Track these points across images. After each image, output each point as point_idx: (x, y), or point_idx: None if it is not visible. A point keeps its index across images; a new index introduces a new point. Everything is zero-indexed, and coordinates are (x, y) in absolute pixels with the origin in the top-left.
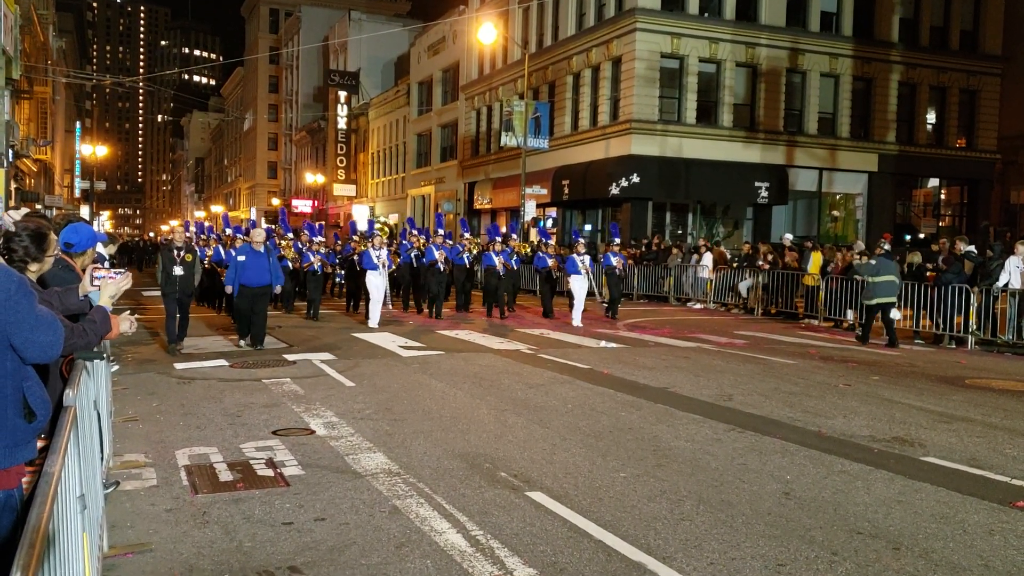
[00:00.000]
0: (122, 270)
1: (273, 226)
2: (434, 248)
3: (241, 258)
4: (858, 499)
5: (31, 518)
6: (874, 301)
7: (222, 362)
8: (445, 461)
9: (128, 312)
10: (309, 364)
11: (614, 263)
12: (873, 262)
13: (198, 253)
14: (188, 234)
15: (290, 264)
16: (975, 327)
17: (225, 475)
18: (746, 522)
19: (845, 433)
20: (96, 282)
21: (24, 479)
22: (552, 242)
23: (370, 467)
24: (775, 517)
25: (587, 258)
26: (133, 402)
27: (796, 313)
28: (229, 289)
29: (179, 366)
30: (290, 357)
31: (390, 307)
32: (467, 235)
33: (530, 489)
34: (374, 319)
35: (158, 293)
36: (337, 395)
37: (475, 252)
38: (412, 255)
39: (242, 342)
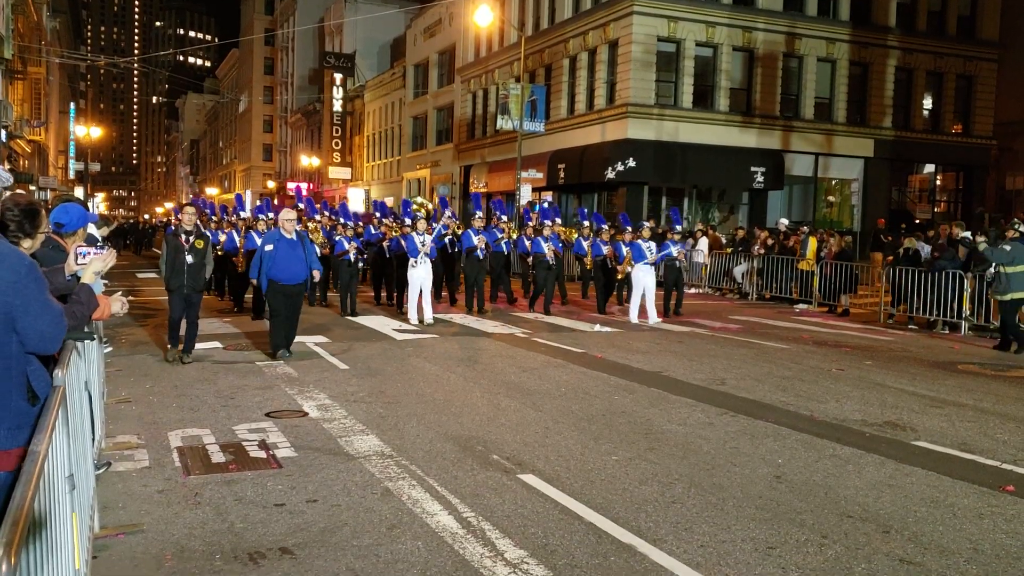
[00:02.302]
0: (103, 248)
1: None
2: (472, 233)
3: (269, 248)
4: (849, 483)
5: (15, 496)
6: (1008, 297)
7: (216, 344)
8: (438, 444)
9: (120, 293)
10: (303, 346)
11: (674, 253)
12: (1007, 247)
13: (210, 238)
14: (206, 212)
15: (317, 250)
16: (968, 313)
17: (217, 457)
18: (737, 505)
19: (837, 417)
20: (81, 260)
21: None
22: (604, 227)
23: (363, 449)
24: (766, 500)
25: (653, 245)
26: (126, 383)
27: (791, 298)
28: (255, 281)
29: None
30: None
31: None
32: (504, 218)
33: (522, 472)
34: (428, 313)
35: (153, 274)
36: (331, 378)
37: (514, 238)
38: (446, 240)
39: (282, 353)
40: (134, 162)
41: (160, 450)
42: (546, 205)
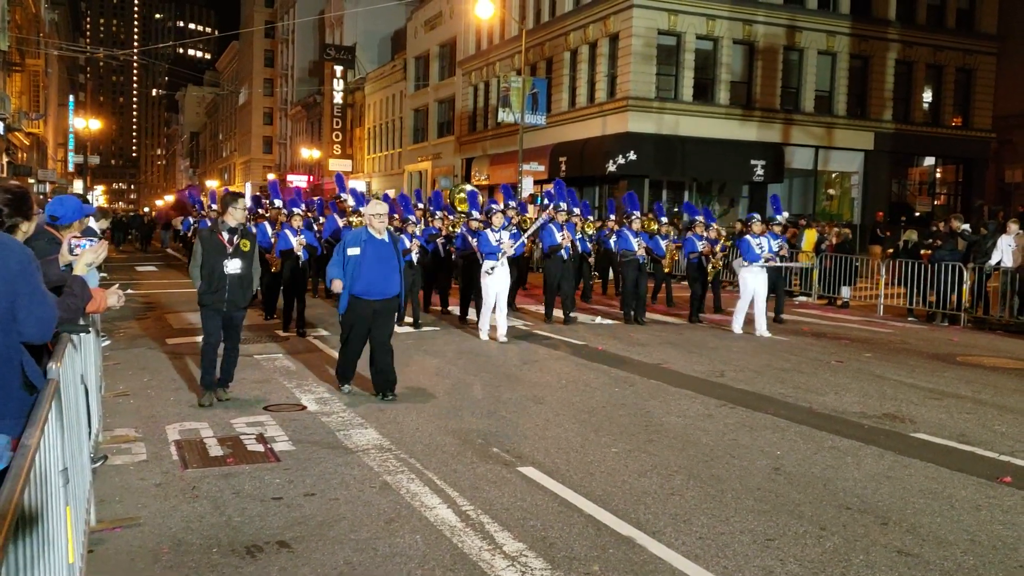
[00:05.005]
0: (95, 239)
1: (335, 198)
2: (555, 229)
3: (354, 251)
4: (847, 475)
5: (4, 490)
6: None
7: None
8: (437, 437)
9: (117, 286)
10: (302, 340)
11: (775, 249)
12: None
13: (257, 238)
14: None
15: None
16: (968, 305)
17: (215, 450)
18: (736, 497)
19: (836, 409)
20: (76, 251)
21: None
22: (699, 219)
23: (361, 443)
24: (765, 492)
25: (765, 241)
26: (124, 377)
27: (790, 290)
28: (338, 285)
29: (171, 341)
30: (282, 332)
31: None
32: (576, 211)
33: (522, 464)
34: (502, 329)
35: (153, 267)
36: (329, 371)
37: (590, 232)
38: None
39: (346, 387)
40: (134, 155)
41: (158, 443)
42: (546, 200)
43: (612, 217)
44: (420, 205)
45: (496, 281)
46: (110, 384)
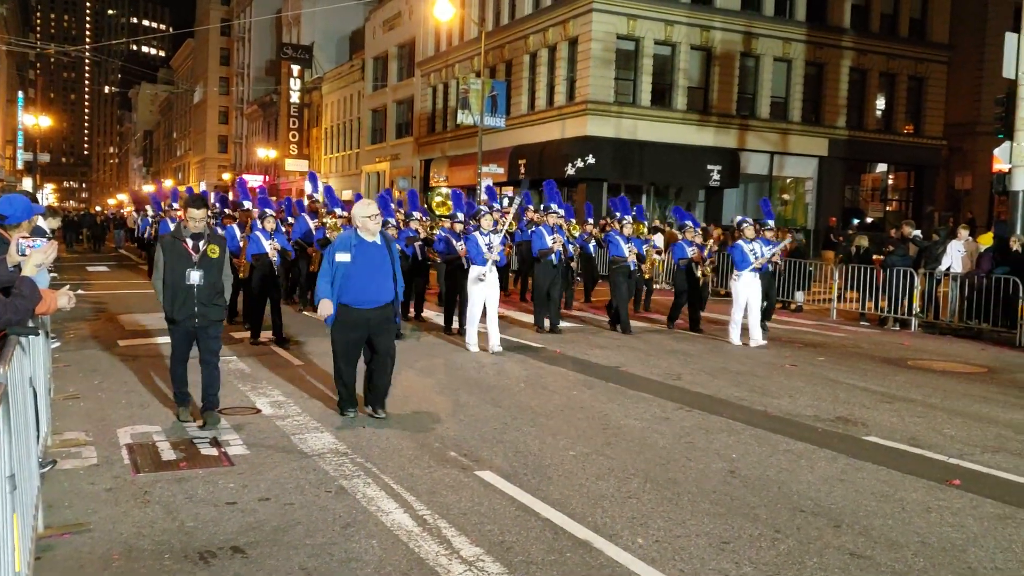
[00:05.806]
0: (44, 240)
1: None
2: (545, 231)
3: (343, 257)
4: (802, 478)
5: None
6: None
7: (167, 339)
8: (394, 440)
9: (67, 287)
10: (255, 345)
11: (767, 254)
12: None
13: (227, 242)
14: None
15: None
16: (918, 310)
17: (168, 454)
18: (691, 500)
19: (790, 413)
20: (26, 252)
21: None
22: (688, 223)
23: (317, 447)
24: (720, 495)
25: (759, 246)
26: (75, 379)
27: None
28: (324, 309)
29: (123, 343)
30: (236, 335)
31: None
32: (561, 212)
33: (480, 468)
34: (494, 339)
35: (104, 267)
36: (285, 374)
37: (575, 235)
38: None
39: (350, 412)
40: (85, 153)
41: (109, 447)
42: (506, 201)
43: (590, 221)
44: (394, 205)
45: (484, 288)
46: (60, 386)
